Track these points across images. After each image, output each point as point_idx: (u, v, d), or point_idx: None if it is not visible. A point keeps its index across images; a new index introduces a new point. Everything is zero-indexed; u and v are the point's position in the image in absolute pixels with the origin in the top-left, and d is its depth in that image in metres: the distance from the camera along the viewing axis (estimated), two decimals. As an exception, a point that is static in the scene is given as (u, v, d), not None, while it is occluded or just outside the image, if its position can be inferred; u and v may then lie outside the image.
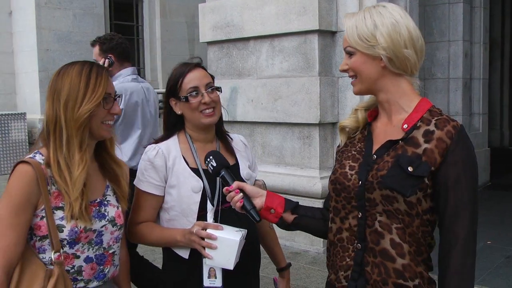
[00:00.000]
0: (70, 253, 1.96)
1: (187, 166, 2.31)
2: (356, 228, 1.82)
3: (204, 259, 2.17)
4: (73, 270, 1.98)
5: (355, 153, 1.90)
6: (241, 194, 1.98)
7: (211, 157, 2.09)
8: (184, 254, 2.28)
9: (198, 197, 2.26)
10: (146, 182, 2.31)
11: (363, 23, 1.77)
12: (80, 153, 1.94)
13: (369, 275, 1.78)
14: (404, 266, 1.74)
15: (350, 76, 1.88)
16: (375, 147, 1.85)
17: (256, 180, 2.51)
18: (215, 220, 2.23)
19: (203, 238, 2.11)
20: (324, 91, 5.93)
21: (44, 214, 1.91)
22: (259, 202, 1.99)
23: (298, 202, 2.08)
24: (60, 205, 1.93)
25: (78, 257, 1.98)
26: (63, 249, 1.94)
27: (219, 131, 2.47)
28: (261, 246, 2.61)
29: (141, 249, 5.89)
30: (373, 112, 1.94)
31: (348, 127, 1.97)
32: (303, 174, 6.00)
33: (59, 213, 1.92)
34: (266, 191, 2.05)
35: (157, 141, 2.40)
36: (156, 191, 2.31)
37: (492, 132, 10.15)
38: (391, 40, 1.74)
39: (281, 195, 2.07)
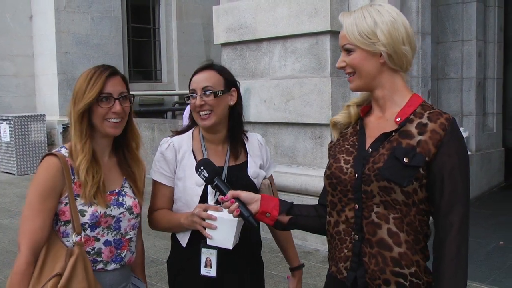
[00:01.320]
0: (91, 236, 2.16)
1: (195, 161, 2.40)
2: (353, 220, 1.88)
3: (202, 249, 2.29)
4: (93, 251, 2.17)
5: (348, 146, 1.95)
6: (237, 203, 2.04)
7: (202, 168, 2.17)
8: (183, 242, 2.42)
9: (200, 190, 2.38)
10: (158, 173, 2.48)
11: (363, 21, 1.83)
12: (81, 143, 2.15)
13: (367, 265, 1.84)
14: (401, 255, 1.79)
15: (347, 73, 1.92)
16: (369, 140, 1.90)
17: (263, 179, 2.55)
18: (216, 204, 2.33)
19: (204, 220, 2.22)
20: (336, 91, 5.98)
21: (67, 201, 2.12)
22: (254, 207, 2.06)
23: (292, 202, 2.13)
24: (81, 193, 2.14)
25: (98, 239, 2.18)
26: (84, 232, 2.13)
27: (233, 131, 2.52)
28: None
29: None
30: (365, 108, 2.00)
31: (340, 122, 2.03)
32: (315, 174, 6.05)
33: (81, 200, 2.13)
34: (261, 194, 2.11)
35: (175, 133, 2.56)
36: (166, 181, 2.47)
37: (507, 132, 10.07)
38: (390, 37, 1.80)
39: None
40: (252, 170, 2.50)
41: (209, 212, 2.21)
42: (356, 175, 1.86)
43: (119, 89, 2.20)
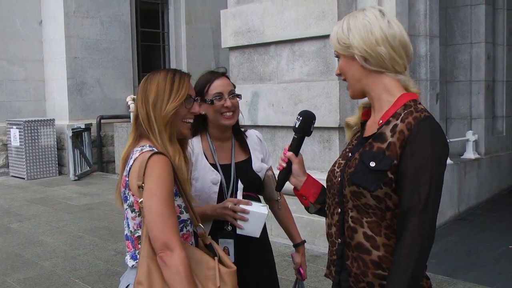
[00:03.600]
0: (191, 231, 2.29)
1: (207, 162, 2.69)
2: (338, 224, 1.90)
3: (219, 239, 2.58)
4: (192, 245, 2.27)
5: (348, 150, 1.98)
6: (285, 165, 2.10)
7: (300, 118, 2.17)
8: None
9: (216, 188, 2.66)
10: None
11: (340, 27, 1.87)
12: (172, 145, 2.22)
13: (350, 268, 1.86)
14: (380, 258, 1.79)
15: (344, 80, 1.96)
16: None
17: (266, 171, 2.82)
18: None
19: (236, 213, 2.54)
20: (344, 95, 5.97)
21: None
22: (294, 181, 2.10)
23: None
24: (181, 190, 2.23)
25: (192, 235, 2.30)
26: (186, 228, 2.25)
27: (235, 131, 2.83)
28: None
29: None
30: (368, 111, 2.00)
31: (352, 123, 2.06)
32: (323, 177, 5.93)
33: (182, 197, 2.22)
34: (308, 176, 2.12)
35: None
36: None
37: (517, 135, 10.04)
38: (362, 40, 1.81)
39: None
40: (257, 165, 2.79)
41: (242, 206, 2.52)
42: (339, 179, 1.88)
43: (194, 92, 2.35)
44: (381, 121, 1.83)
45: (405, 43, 1.84)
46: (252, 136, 2.89)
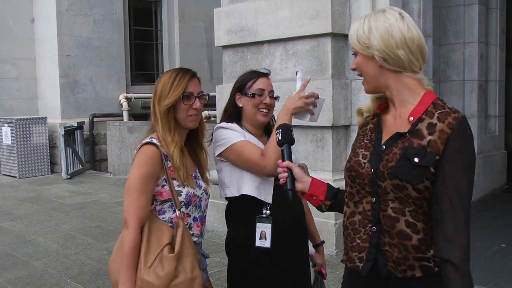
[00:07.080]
0: (185, 213, 2.57)
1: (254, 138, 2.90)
2: (370, 212, 2.00)
3: (257, 223, 2.75)
4: (187, 225, 2.55)
5: (367, 142, 2.09)
6: (287, 174, 2.20)
7: (280, 130, 2.35)
8: (268, 199, 2.79)
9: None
10: (233, 138, 2.81)
11: (361, 27, 1.98)
12: (170, 135, 2.53)
13: (389, 253, 1.96)
14: (420, 240, 1.93)
15: (358, 75, 2.09)
16: (385, 137, 2.03)
17: (299, 163, 2.90)
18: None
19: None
20: (337, 94, 5.97)
21: (164, 183, 2.51)
22: (300, 186, 2.21)
23: (338, 189, 2.27)
24: (175, 176, 2.52)
25: (189, 216, 2.59)
26: (180, 209, 2.52)
27: (267, 129, 3.01)
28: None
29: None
30: (382, 105, 2.12)
31: (363, 110, 2.19)
32: (316, 176, 5.98)
33: (175, 182, 2.52)
34: (312, 178, 2.25)
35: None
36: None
37: (509, 134, 10.03)
38: (383, 42, 1.93)
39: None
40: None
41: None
42: (372, 170, 1.98)
43: (198, 89, 2.61)
44: (412, 118, 1.94)
45: (421, 46, 1.96)
46: None
